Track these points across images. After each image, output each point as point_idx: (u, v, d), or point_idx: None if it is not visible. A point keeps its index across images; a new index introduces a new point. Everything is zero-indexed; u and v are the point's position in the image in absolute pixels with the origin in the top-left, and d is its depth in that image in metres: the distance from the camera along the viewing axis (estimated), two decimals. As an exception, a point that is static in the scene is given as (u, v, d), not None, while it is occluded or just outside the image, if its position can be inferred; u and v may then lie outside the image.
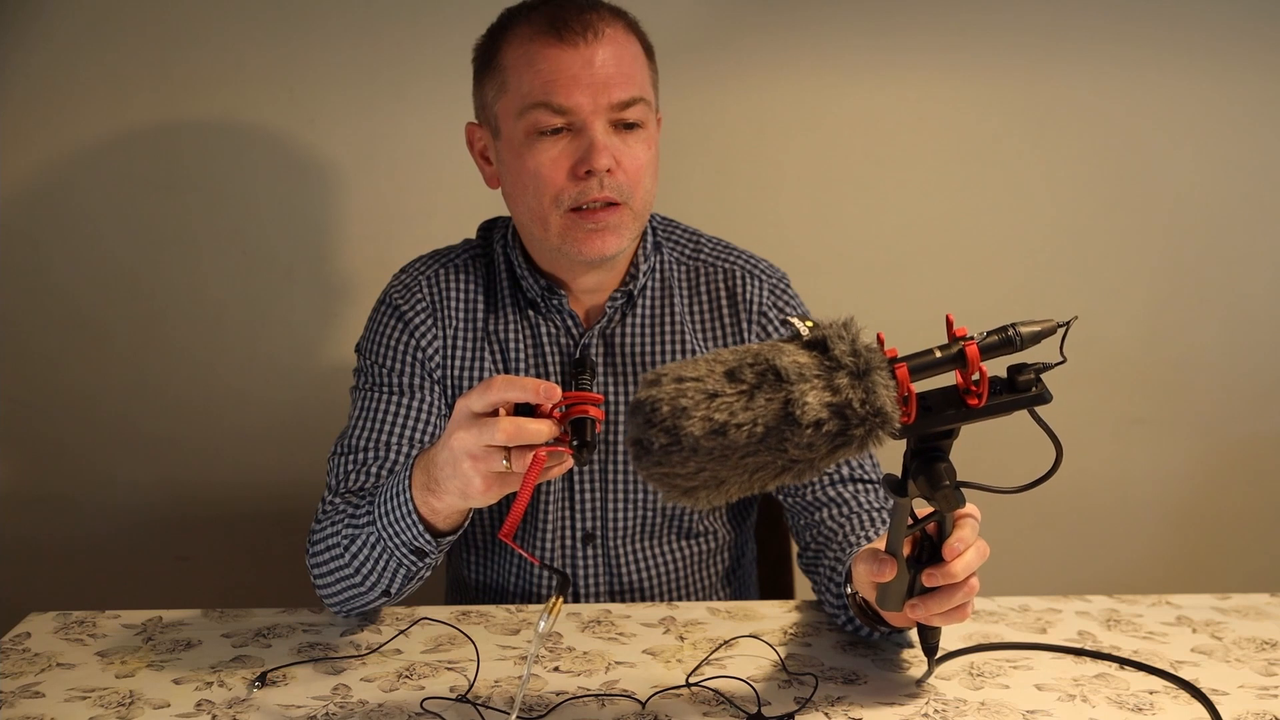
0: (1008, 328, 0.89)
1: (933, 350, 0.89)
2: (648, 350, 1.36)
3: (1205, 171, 1.93)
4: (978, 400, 0.90)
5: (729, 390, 0.84)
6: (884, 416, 0.84)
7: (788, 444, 0.84)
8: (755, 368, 0.85)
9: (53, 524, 1.95)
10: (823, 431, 0.84)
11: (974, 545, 1.00)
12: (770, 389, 0.84)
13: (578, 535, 1.38)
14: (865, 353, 0.85)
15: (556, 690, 1.09)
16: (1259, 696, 1.08)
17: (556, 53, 1.23)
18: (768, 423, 0.83)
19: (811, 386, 0.84)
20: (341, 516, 1.22)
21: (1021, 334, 0.89)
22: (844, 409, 0.84)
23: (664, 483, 0.87)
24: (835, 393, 0.84)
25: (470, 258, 1.40)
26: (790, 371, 0.84)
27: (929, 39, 1.86)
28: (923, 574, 1.00)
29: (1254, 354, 1.99)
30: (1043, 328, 0.89)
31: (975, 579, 1.01)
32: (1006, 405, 0.90)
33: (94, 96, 1.81)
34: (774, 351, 0.86)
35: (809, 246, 1.91)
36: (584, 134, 1.24)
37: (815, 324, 0.87)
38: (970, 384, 0.90)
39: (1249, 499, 2.05)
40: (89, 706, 1.07)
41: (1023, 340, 0.89)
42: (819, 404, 0.83)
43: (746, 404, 0.84)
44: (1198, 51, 1.88)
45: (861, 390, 0.84)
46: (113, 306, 1.89)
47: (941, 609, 1.01)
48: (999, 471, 1.11)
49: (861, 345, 0.85)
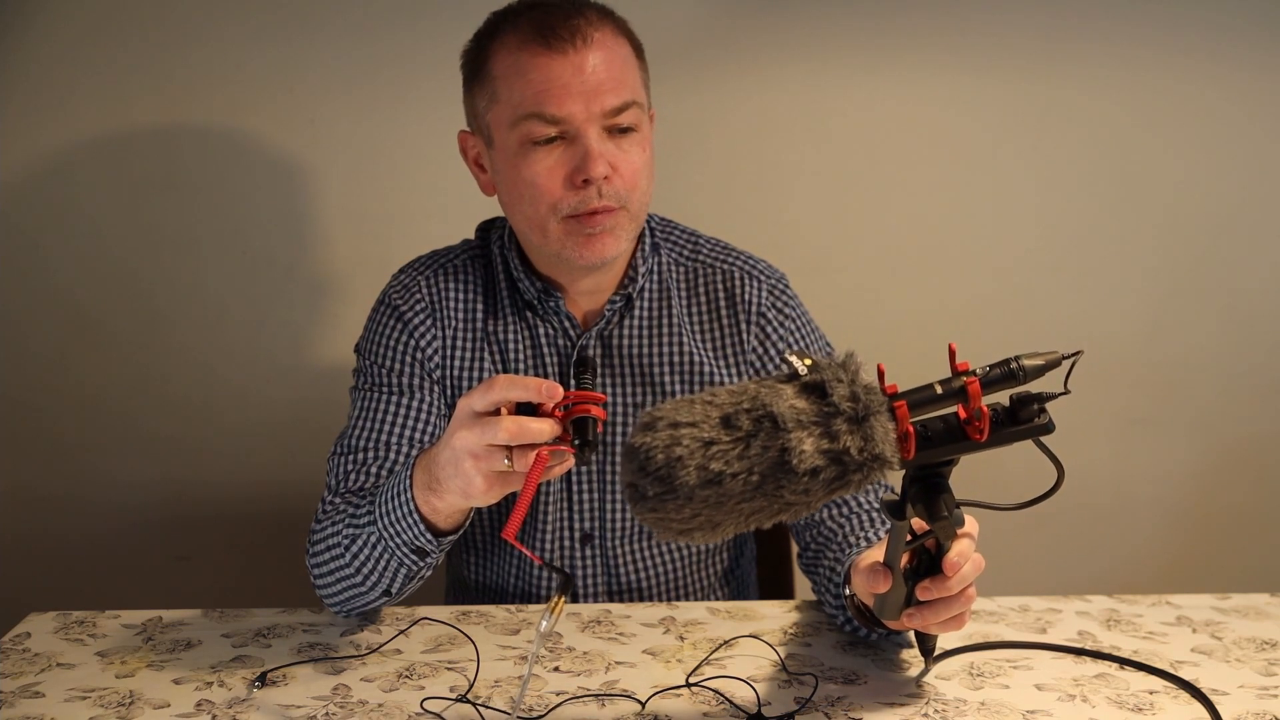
0: (1010, 361, 0.87)
1: (933, 386, 0.87)
2: (646, 352, 1.36)
3: (1204, 171, 1.93)
4: (980, 435, 0.88)
5: (724, 438, 0.82)
6: (882, 461, 0.83)
7: (784, 490, 0.83)
8: (752, 414, 0.83)
9: (53, 524, 1.95)
10: (819, 479, 0.82)
11: (971, 559, 0.99)
12: (767, 436, 0.82)
13: (576, 535, 1.38)
14: (864, 395, 0.83)
15: (556, 690, 1.09)
16: (1259, 696, 1.08)
17: (546, 61, 1.21)
18: (763, 470, 0.82)
19: (809, 434, 0.82)
20: (342, 516, 1.22)
21: (1025, 368, 0.87)
22: (841, 456, 0.82)
23: (659, 525, 0.86)
24: (833, 439, 0.82)
25: (469, 258, 1.40)
26: (787, 419, 0.82)
27: (929, 39, 1.86)
28: (919, 587, 0.99)
29: (1253, 353, 1.99)
30: (1046, 360, 0.87)
31: (973, 589, 1.01)
32: (1009, 437, 0.89)
33: (95, 97, 1.81)
34: (771, 395, 0.83)
35: (808, 247, 1.90)
36: (578, 142, 1.23)
37: (814, 364, 0.85)
38: (973, 418, 0.88)
39: (1249, 499, 2.05)
40: (89, 706, 1.07)
41: (1026, 374, 0.87)
42: (815, 451, 0.82)
43: (743, 452, 0.82)
44: (1197, 52, 1.88)
45: (860, 437, 0.82)
46: (113, 306, 1.89)
47: (938, 619, 1.01)
48: (997, 483, 1.11)
49: (860, 387, 0.84)
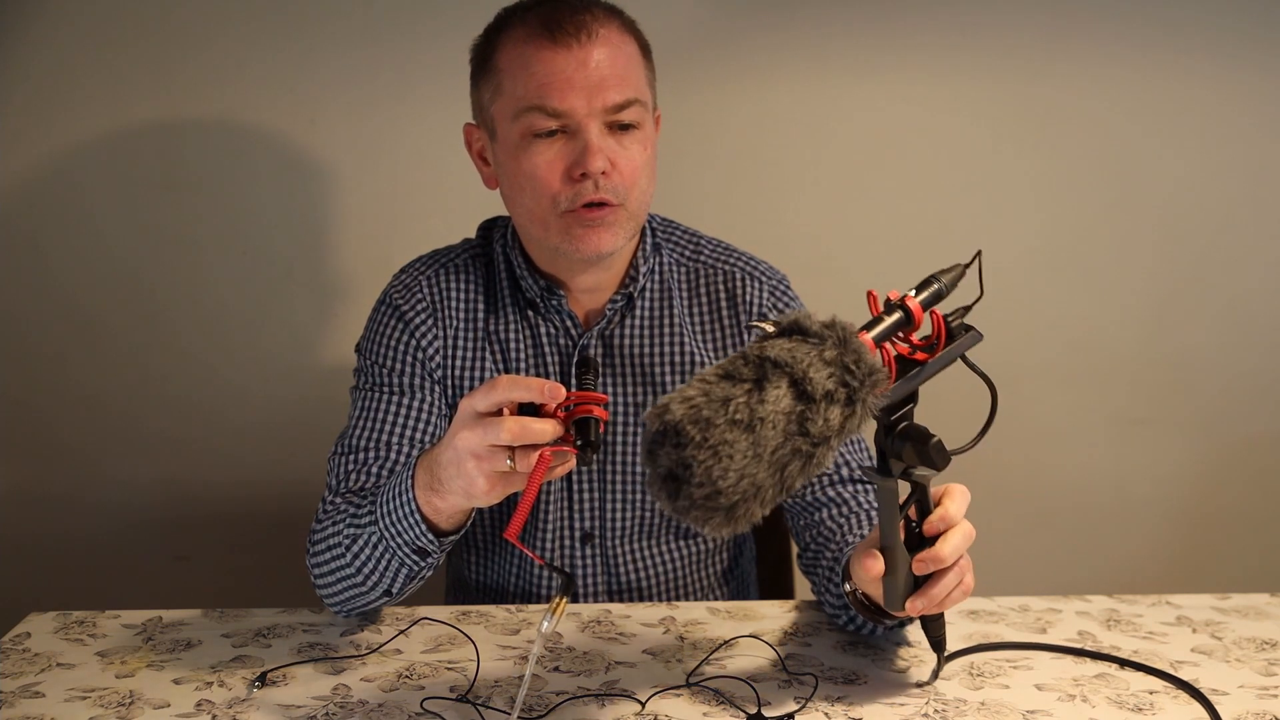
0: (931, 279, 0.98)
1: (881, 317, 0.95)
2: (647, 351, 1.36)
3: (1203, 172, 1.93)
4: (927, 354, 0.97)
5: (737, 392, 0.85)
6: (877, 374, 0.88)
7: (809, 424, 0.86)
8: (749, 364, 0.87)
9: (53, 524, 1.95)
10: (835, 401, 0.86)
11: (959, 527, 1.01)
12: (775, 377, 0.86)
13: (576, 535, 1.38)
14: (837, 325, 0.89)
15: (556, 690, 1.09)
16: (1259, 696, 1.08)
17: (550, 55, 1.22)
18: (786, 411, 0.85)
19: (810, 363, 0.86)
20: (343, 516, 1.22)
21: (943, 281, 0.98)
22: (844, 375, 0.87)
23: (706, 506, 0.85)
24: (830, 364, 0.87)
25: (470, 258, 1.40)
26: (783, 357, 0.86)
27: (930, 40, 1.87)
28: (914, 561, 1.02)
29: (1253, 353, 1.99)
30: (955, 271, 0.99)
31: (967, 559, 1.03)
32: (954, 351, 0.99)
33: (96, 97, 1.82)
34: (757, 349, 0.88)
35: (809, 248, 1.90)
36: (579, 136, 1.23)
37: (777, 319, 0.91)
38: (916, 343, 0.97)
39: (1249, 499, 2.05)
40: (89, 706, 1.07)
41: (946, 286, 0.98)
42: (823, 376, 0.86)
43: (760, 398, 0.85)
44: (1196, 53, 1.88)
45: (852, 354, 0.87)
46: (113, 306, 1.89)
47: (941, 594, 1.02)
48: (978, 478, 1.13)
49: (830, 319, 0.89)
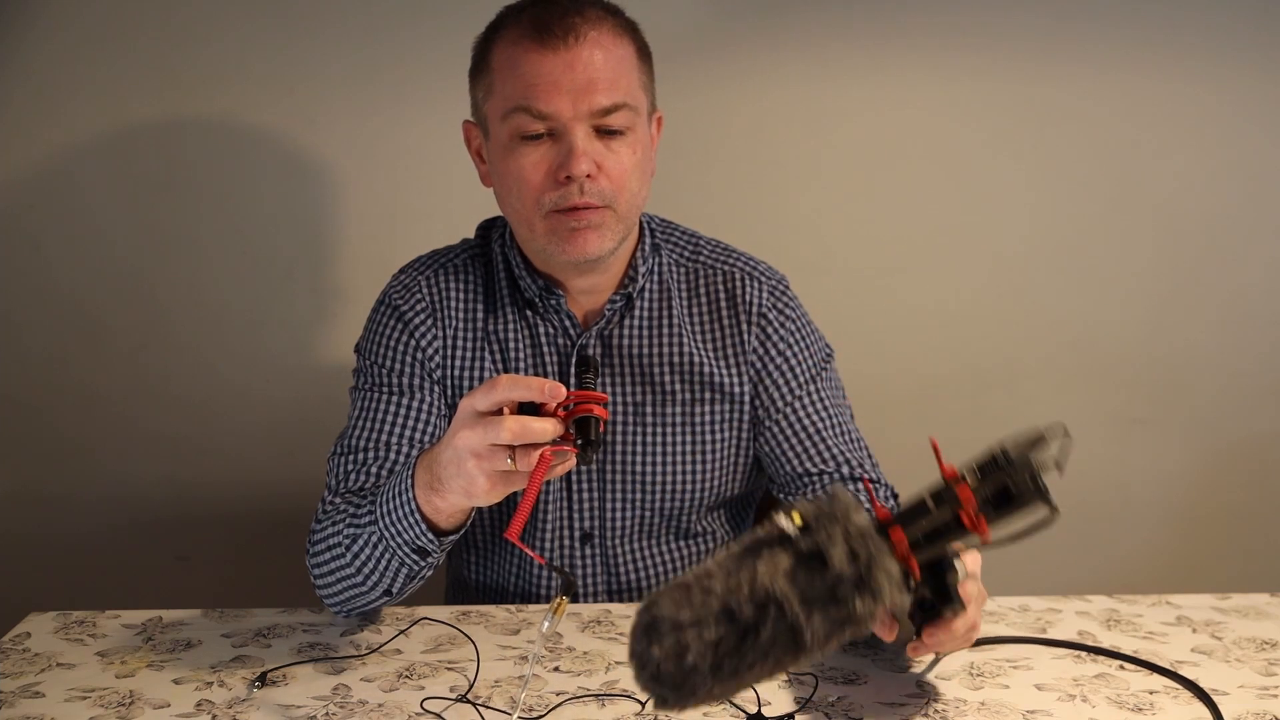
0: (995, 457, 0.84)
1: (924, 502, 0.86)
2: (646, 351, 1.36)
3: (1202, 172, 1.93)
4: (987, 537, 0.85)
5: (731, 634, 0.81)
6: (888, 604, 0.82)
7: (800, 656, 0.82)
8: (754, 600, 0.81)
9: (53, 524, 1.95)
10: (830, 640, 0.82)
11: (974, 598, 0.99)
12: (774, 622, 0.81)
13: (576, 535, 1.38)
14: (862, 548, 0.81)
15: (556, 690, 1.09)
16: (1259, 696, 1.08)
17: (538, 56, 1.21)
18: (777, 654, 0.82)
19: (815, 610, 0.81)
20: (343, 516, 1.22)
21: (1012, 460, 0.84)
22: (850, 617, 0.81)
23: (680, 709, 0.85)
24: (840, 606, 0.81)
25: (469, 258, 1.40)
26: (791, 599, 0.81)
27: (929, 41, 1.86)
28: (925, 632, 0.99)
29: (1252, 353, 1.99)
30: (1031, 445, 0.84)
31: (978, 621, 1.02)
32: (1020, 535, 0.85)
33: (96, 97, 1.81)
34: (769, 573, 0.81)
35: (808, 247, 1.91)
36: (564, 139, 1.22)
37: (804, 522, 0.83)
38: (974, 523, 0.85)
39: (1249, 499, 2.05)
40: (89, 706, 1.07)
41: (1013, 465, 0.84)
42: (825, 626, 0.81)
43: (753, 643, 0.81)
44: (1196, 53, 1.88)
45: (867, 597, 0.81)
46: (114, 306, 1.89)
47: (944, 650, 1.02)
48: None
49: (855, 535, 0.81)
